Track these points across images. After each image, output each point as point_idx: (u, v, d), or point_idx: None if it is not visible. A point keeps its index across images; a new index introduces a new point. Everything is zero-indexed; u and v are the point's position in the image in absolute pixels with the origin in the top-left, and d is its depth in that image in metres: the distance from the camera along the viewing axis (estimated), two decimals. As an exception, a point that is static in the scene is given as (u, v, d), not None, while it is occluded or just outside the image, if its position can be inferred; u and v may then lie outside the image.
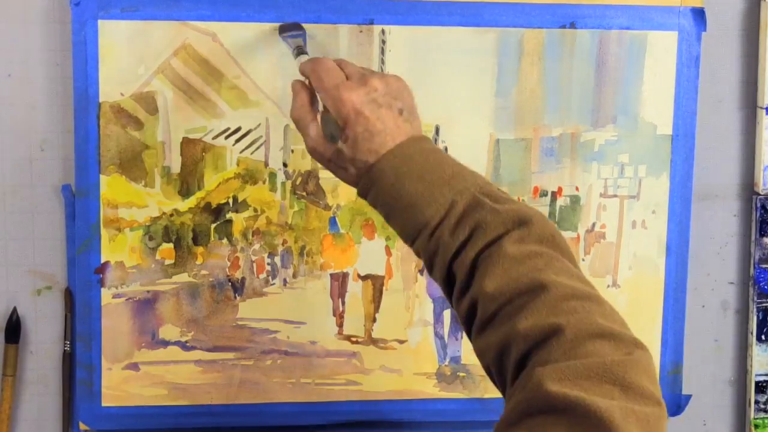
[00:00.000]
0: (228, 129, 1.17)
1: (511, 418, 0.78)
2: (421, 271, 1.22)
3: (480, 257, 0.87)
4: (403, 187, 0.90)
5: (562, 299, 0.82)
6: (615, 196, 1.24)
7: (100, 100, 1.14)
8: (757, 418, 1.30)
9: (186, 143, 1.17)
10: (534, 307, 0.82)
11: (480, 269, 0.86)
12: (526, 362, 0.81)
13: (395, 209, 0.91)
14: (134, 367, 1.19)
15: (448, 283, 0.91)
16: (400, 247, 1.21)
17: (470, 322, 0.88)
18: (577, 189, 1.23)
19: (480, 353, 0.87)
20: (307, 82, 1.02)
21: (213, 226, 1.18)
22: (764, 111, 1.26)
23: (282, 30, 1.14)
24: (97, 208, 1.16)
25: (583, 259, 1.24)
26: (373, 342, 1.23)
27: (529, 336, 0.81)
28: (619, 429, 0.74)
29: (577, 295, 0.83)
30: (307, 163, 1.19)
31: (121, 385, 1.19)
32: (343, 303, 1.22)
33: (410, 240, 0.92)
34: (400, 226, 0.92)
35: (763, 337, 1.29)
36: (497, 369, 0.85)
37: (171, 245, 1.18)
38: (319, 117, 0.99)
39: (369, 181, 0.93)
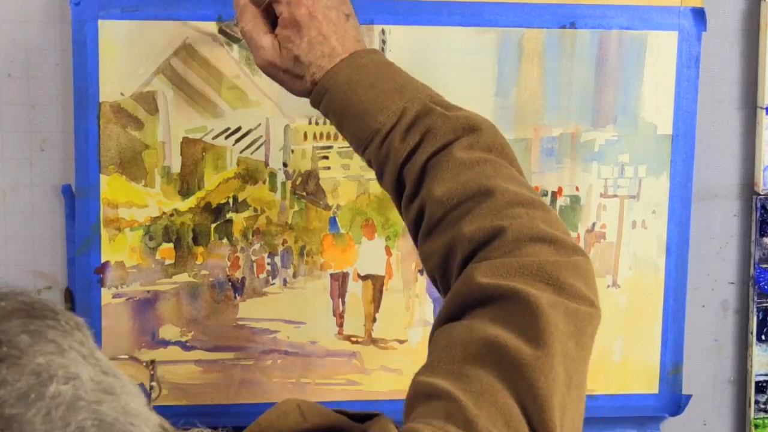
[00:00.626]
0: (228, 129, 1.17)
1: (447, 312, 0.81)
2: (420, 271, 1.22)
3: (429, 163, 0.89)
4: (355, 94, 0.92)
5: (507, 205, 0.85)
6: (615, 196, 1.24)
7: (100, 100, 1.14)
8: (757, 418, 1.30)
9: (186, 143, 1.17)
10: (479, 212, 0.85)
11: (429, 175, 0.88)
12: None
13: (347, 116, 0.93)
14: (134, 367, 1.19)
15: (397, 189, 0.92)
16: (400, 247, 1.21)
17: (417, 227, 0.90)
18: (577, 189, 1.23)
19: (426, 257, 0.89)
20: None
21: (213, 225, 1.18)
22: (764, 111, 1.26)
23: None
24: (97, 208, 1.16)
25: (583, 259, 1.24)
26: (373, 342, 1.23)
27: (474, 238, 0.84)
28: (544, 314, 0.76)
29: (522, 202, 0.86)
30: (307, 163, 1.19)
31: (121, 385, 1.19)
32: (343, 303, 1.22)
33: (362, 148, 0.94)
34: (352, 134, 0.94)
35: (763, 337, 1.29)
36: (442, 273, 0.87)
37: (171, 245, 1.18)
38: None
39: (322, 89, 0.94)
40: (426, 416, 0.74)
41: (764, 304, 1.29)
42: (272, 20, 0.99)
